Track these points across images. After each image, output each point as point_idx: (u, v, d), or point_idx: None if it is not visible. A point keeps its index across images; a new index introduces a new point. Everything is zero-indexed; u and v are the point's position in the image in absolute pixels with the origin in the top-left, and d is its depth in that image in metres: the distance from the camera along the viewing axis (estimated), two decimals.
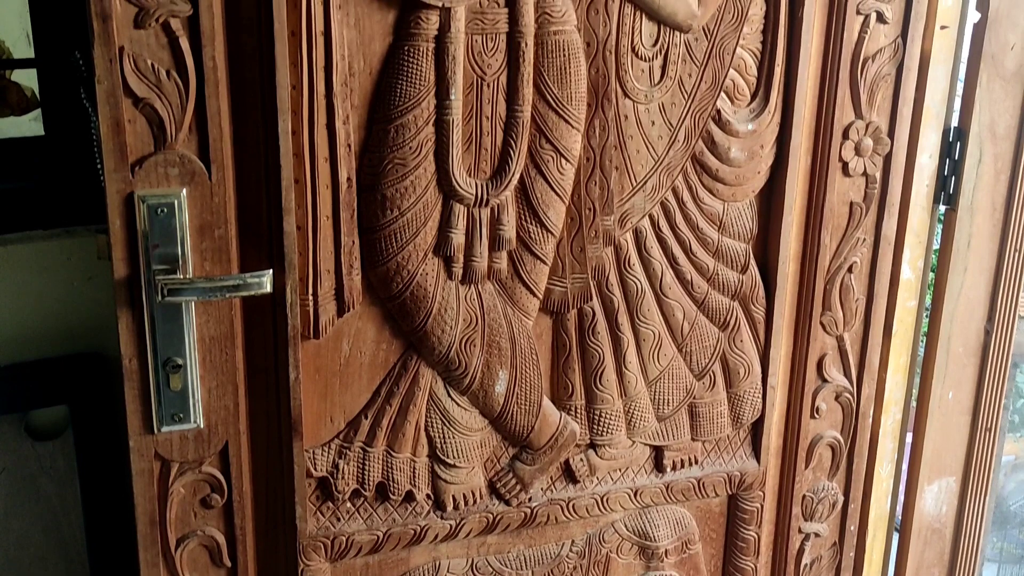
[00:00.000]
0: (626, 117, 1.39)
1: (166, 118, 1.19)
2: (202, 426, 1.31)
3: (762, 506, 1.64)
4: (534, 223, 1.38)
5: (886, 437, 1.70)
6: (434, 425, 1.43)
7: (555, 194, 1.38)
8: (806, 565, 1.70)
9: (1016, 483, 2.67)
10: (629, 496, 1.56)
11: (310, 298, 1.30)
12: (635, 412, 1.52)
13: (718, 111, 1.43)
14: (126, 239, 1.22)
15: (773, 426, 1.62)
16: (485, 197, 1.34)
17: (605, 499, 1.54)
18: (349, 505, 1.42)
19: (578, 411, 1.49)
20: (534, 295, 1.42)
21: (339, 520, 1.42)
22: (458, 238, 1.35)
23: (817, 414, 1.62)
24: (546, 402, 1.47)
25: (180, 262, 1.23)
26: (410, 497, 1.44)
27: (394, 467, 1.42)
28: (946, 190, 1.62)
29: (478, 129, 1.32)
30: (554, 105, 1.34)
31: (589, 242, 1.42)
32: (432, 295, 1.36)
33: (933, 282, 1.68)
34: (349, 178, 1.29)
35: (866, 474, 1.70)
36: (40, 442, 1.91)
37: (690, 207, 1.47)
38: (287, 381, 1.32)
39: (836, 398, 1.63)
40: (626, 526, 1.58)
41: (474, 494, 1.47)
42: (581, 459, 1.52)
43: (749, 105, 1.45)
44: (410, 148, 1.29)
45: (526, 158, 1.35)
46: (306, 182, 1.26)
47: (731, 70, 1.42)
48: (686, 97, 1.41)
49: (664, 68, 1.39)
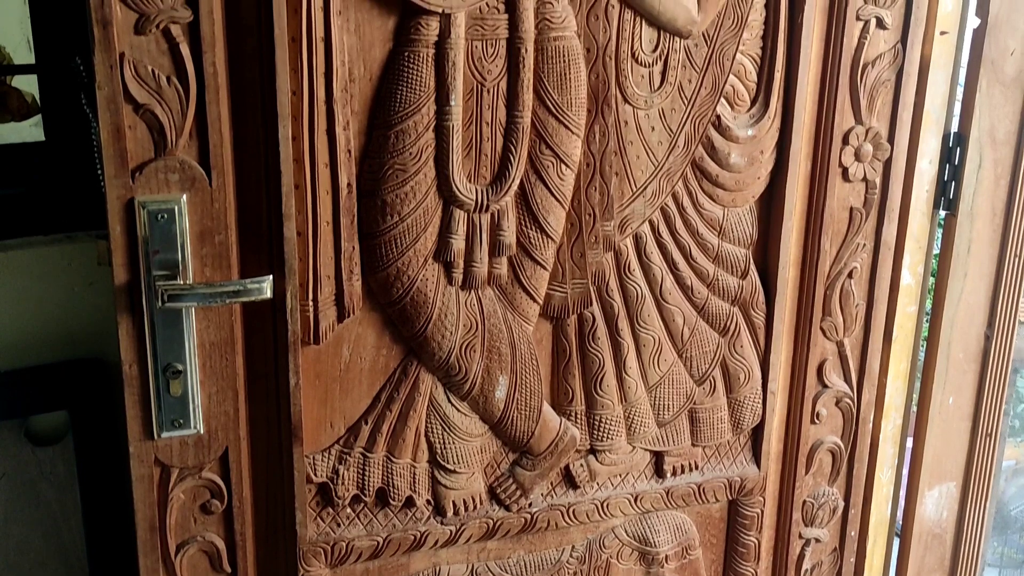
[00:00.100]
0: (626, 123, 1.39)
1: (166, 124, 1.20)
2: (202, 432, 1.31)
3: (762, 512, 1.64)
4: (534, 229, 1.38)
5: (886, 442, 1.70)
6: (434, 430, 1.43)
7: (555, 200, 1.38)
8: (806, 571, 1.70)
9: (1017, 488, 2.66)
10: (629, 502, 1.55)
11: (310, 304, 1.30)
12: (635, 417, 1.52)
13: (718, 117, 1.43)
14: (126, 245, 1.22)
15: (773, 431, 1.62)
16: (485, 203, 1.34)
17: (605, 505, 1.54)
18: (349, 511, 1.42)
19: (578, 416, 1.49)
20: (534, 300, 1.42)
21: (339, 526, 1.42)
22: (458, 244, 1.35)
23: (817, 419, 1.62)
24: (546, 407, 1.47)
25: (180, 268, 1.23)
26: (410, 503, 1.44)
27: (394, 472, 1.42)
28: (946, 195, 1.62)
29: (478, 135, 1.32)
30: (554, 111, 1.34)
31: (589, 247, 1.42)
32: (432, 301, 1.36)
33: (933, 287, 1.68)
34: (349, 184, 1.30)
35: (866, 479, 1.70)
36: (40, 447, 1.91)
37: (690, 212, 1.47)
38: (287, 387, 1.32)
39: (836, 403, 1.63)
40: (626, 532, 1.58)
41: (474, 499, 1.47)
42: (581, 464, 1.52)
43: (749, 111, 1.46)
44: (410, 154, 1.29)
45: (526, 164, 1.35)
46: (306, 188, 1.26)
47: (731, 76, 1.42)
48: (686, 103, 1.41)
49: (664, 74, 1.39)
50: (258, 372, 1.33)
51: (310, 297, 1.30)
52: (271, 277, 1.26)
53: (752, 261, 1.52)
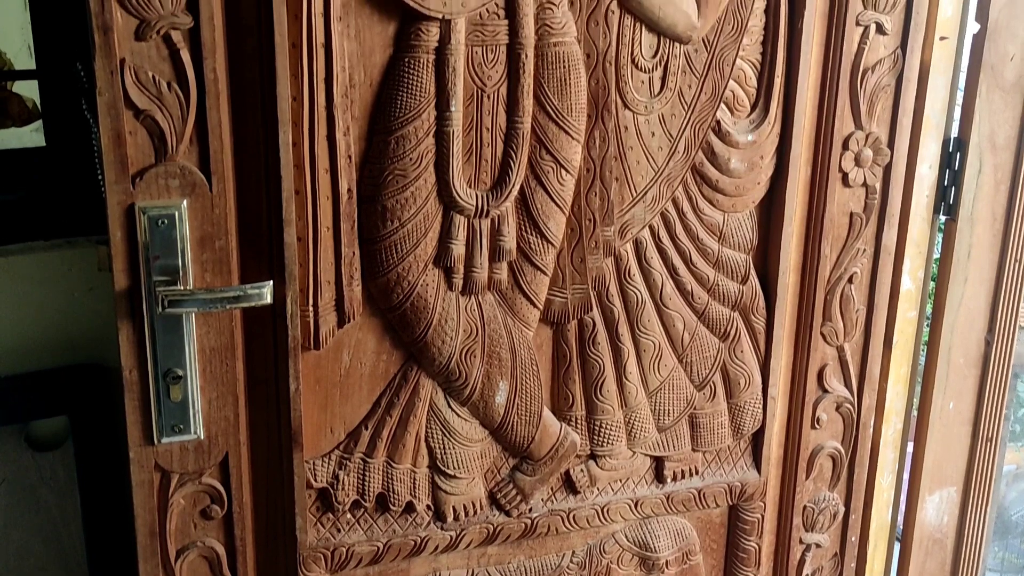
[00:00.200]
0: (626, 128, 1.39)
1: (167, 130, 1.20)
2: (202, 437, 1.31)
3: (763, 517, 1.64)
4: (534, 234, 1.38)
5: (887, 447, 1.70)
6: (434, 436, 1.43)
7: (555, 205, 1.38)
8: None
9: (1017, 493, 2.66)
10: (630, 507, 1.55)
11: (310, 309, 1.30)
12: (635, 423, 1.52)
13: (718, 122, 1.43)
14: (127, 250, 1.22)
15: (774, 437, 1.61)
16: (485, 208, 1.34)
17: (605, 510, 1.54)
18: (349, 516, 1.42)
19: (578, 422, 1.49)
20: (534, 306, 1.42)
21: (339, 531, 1.42)
22: (458, 249, 1.35)
23: (818, 424, 1.62)
24: (546, 413, 1.47)
25: (181, 273, 1.24)
26: (410, 508, 1.44)
27: (394, 478, 1.42)
28: (946, 200, 1.62)
29: (478, 140, 1.33)
30: (554, 116, 1.34)
31: (589, 253, 1.42)
32: (432, 306, 1.36)
33: (933, 292, 1.68)
34: (349, 189, 1.30)
35: (867, 484, 1.70)
36: (40, 453, 1.91)
37: (690, 218, 1.47)
38: (287, 392, 1.32)
39: (837, 408, 1.63)
40: (627, 537, 1.58)
41: (474, 505, 1.47)
42: (581, 470, 1.51)
43: (749, 116, 1.46)
44: (410, 159, 1.29)
45: (526, 169, 1.35)
46: (307, 193, 1.26)
47: (731, 81, 1.43)
48: (686, 108, 1.41)
49: (664, 79, 1.39)
50: (258, 377, 1.33)
51: (310, 302, 1.30)
52: (271, 282, 1.26)
53: (752, 266, 1.52)
